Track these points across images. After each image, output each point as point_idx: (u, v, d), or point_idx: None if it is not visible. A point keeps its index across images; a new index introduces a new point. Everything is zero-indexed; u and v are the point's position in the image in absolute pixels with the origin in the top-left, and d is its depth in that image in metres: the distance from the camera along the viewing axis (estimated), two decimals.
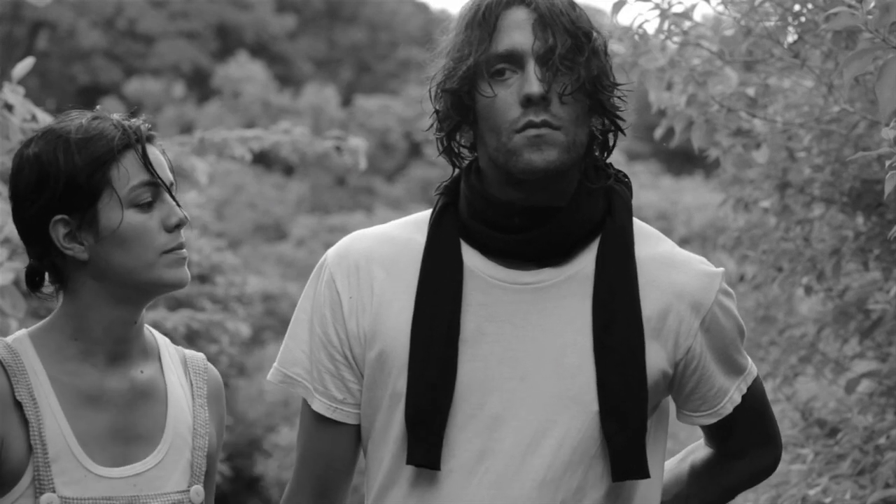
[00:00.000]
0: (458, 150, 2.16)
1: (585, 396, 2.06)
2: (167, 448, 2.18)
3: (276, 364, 2.19)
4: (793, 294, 4.78)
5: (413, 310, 2.09)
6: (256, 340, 18.81)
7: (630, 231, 2.12)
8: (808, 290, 4.32)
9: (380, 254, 2.14)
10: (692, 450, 2.34)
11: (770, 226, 4.46)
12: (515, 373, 2.07)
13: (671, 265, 2.14)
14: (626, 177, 2.17)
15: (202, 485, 2.21)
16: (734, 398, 2.19)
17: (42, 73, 34.56)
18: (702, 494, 2.29)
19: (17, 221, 2.15)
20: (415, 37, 41.47)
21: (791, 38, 3.67)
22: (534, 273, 2.10)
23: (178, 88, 38.97)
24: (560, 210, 2.08)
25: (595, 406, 2.06)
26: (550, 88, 2.04)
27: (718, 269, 2.16)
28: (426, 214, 2.18)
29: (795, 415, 4.41)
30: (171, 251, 2.15)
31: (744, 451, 2.27)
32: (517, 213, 2.08)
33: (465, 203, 2.12)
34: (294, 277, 23.61)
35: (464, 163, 2.17)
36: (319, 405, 2.15)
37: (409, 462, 2.07)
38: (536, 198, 2.08)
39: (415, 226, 2.17)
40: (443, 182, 2.19)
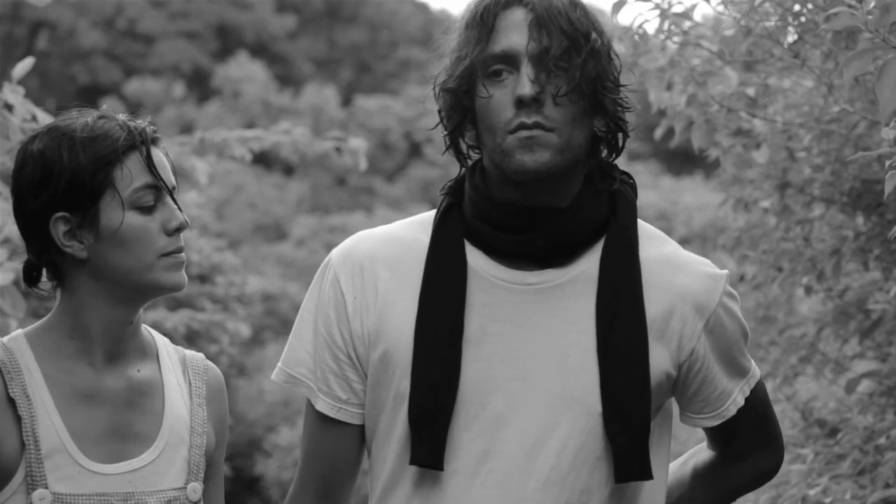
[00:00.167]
0: (466, 150, 2.16)
1: (589, 397, 2.06)
2: (163, 445, 2.18)
3: (281, 364, 2.18)
4: (793, 294, 4.78)
5: (417, 310, 2.09)
6: (256, 340, 18.81)
7: (634, 232, 2.11)
8: (808, 290, 4.32)
9: (384, 254, 2.14)
10: (695, 452, 2.33)
11: (770, 226, 4.45)
12: (519, 373, 2.07)
13: (675, 267, 2.13)
14: (631, 178, 2.17)
15: (200, 482, 2.21)
16: (737, 400, 2.18)
17: (42, 73, 34.56)
18: (704, 497, 2.28)
19: (18, 217, 2.15)
20: (415, 37, 41.47)
21: (791, 38, 3.67)
22: (537, 273, 2.09)
23: (178, 88, 38.96)
24: (563, 211, 2.08)
25: (598, 407, 2.05)
26: (544, 90, 2.03)
27: (722, 272, 2.15)
28: (431, 215, 2.17)
29: (795, 415, 4.41)
30: (170, 254, 2.15)
31: (746, 454, 2.26)
32: (519, 214, 2.08)
33: (469, 203, 2.12)
34: (294, 277, 23.61)
35: (470, 162, 2.16)
36: (323, 405, 2.15)
37: (413, 462, 2.06)
38: (536, 198, 2.08)
39: (419, 226, 2.17)
40: (447, 182, 2.19)
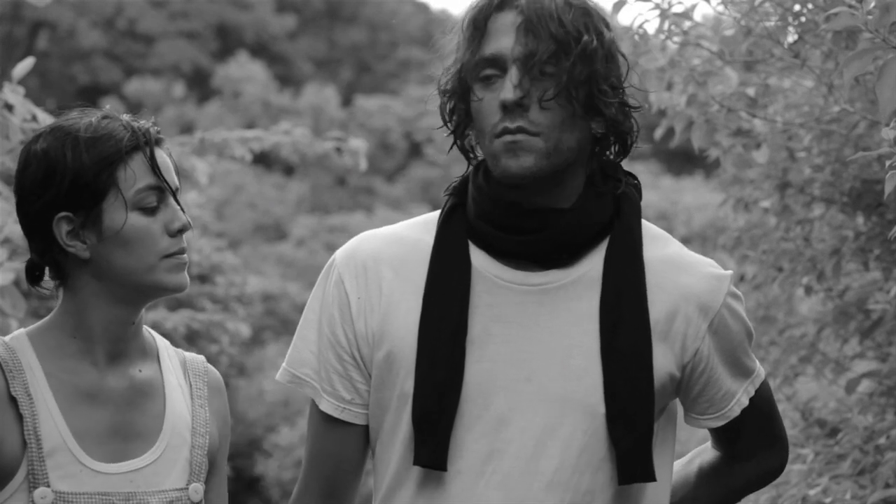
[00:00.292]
0: (471, 149, 2.16)
1: (592, 398, 2.05)
2: (165, 445, 2.18)
3: (285, 364, 2.18)
4: (793, 294, 4.78)
5: (420, 310, 2.09)
6: (256, 340, 18.80)
7: (638, 234, 2.11)
8: (809, 290, 4.32)
9: (388, 254, 2.14)
10: (699, 452, 2.33)
11: (770, 226, 4.46)
12: (522, 374, 2.06)
13: (679, 267, 2.12)
14: (636, 178, 2.16)
15: (202, 483, 2.21)
16: (742, 401, 2.18)
17: (42, 73, 34.57)
18: (708, 497, 2.28)
19: (21, 216, 2.16)
20: (415, 37, 41.48)
21: (791, 38, 3.67)
22: (541, 274, 2.09)
23: (179, 88, 38.98)
24: (565, 212, 2.07)
25: (602, 408, 2.05)
26: (529, 94, 2.03)
27: (727, 272, 2.14)
28: (435, 215, 2.17)
29: (795, 415, 4.41)
30: (173, 255, 2.15)
31: (751, 454, 2.25)
32: (520, 214, 2.08)
33: (473, 203, 2.12)
34: (294, 277, 23.61)
35: (476, 160, 2.16)
36: (327, 405, 2.15)
37: (416, 463, 2.06)
38: (534, 200, 2.07)
39: (424, 226, 2.17)
40: (452, 182, 2.18)
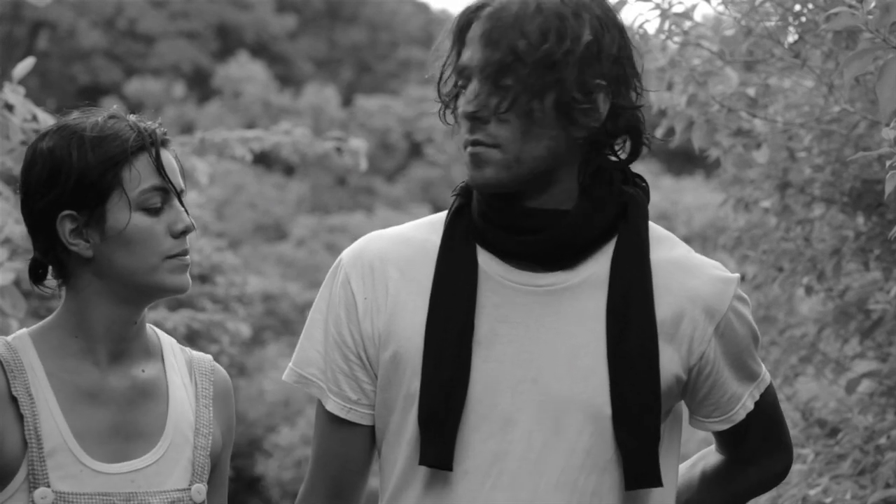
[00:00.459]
0: None
1: (598, 399, 2.05)
2: (167, 445, 2.18)
3: (292, 364, 2.18)
4: (793, 294, 4.78)
5: (427, 311, 2.08)
6: (257, 340, 18.81)
7: (645, 237, 2.10)
8: (809, 290, 4.32)
9: (395, 255, 2.13)
10: (703, 455, 2.32)
11: (770, 226, 4.46)
12: (528, 374, 2.06)
13: (686, 270, 2.11)
14: (644, 181, 2.15)
15: (205, 484, 2.20)
16: (747, 405, 2.17)
17: (42, 73, 34.58)
18: (712, 500, 2.27)
19: (26, 214, 2.16)
20: (415, 37, 41.50)
21: (791, 38, 3.67)
22: (547, 276, 2.08)
23: (179, 88, 39.00)
24: (566, 213, 2.07)
25: (608, 409, 2.04)
26: (487, 106, 2.03)
27: (734, 275, 2.13)
28: (442, 216, 2.17)
29: (796, 415, 4.41)
30: (175, 257, 2.15)
31: (755, 458, 2.25)
32: (520, 215, 2.07)
33: (476, 203, 2.12)
34: (294, 277, 23.59)
35: None
36: (333, 405, 2.14)
37: (422, 462, 2.05)
38: (528, 202, 2.07)
39: (430, 227, 2.16)
40: (459, 183, 2.18)
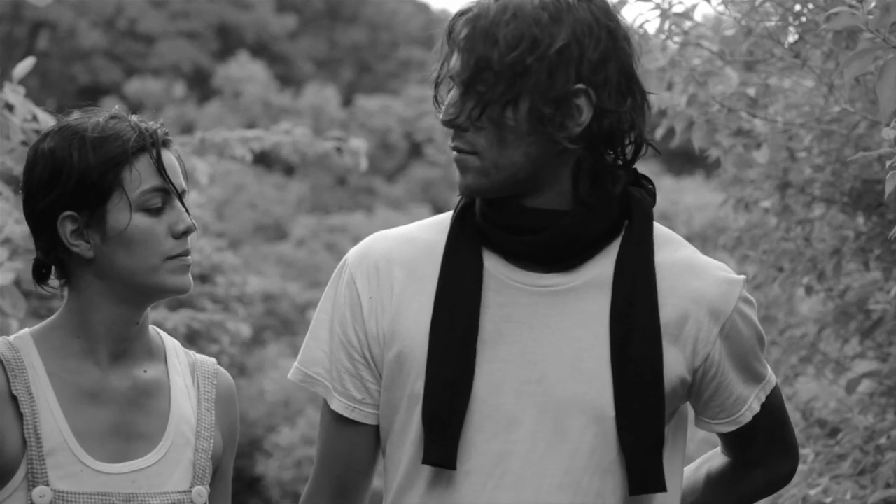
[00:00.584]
0: None
1: (601, 401, 2.05)
2: (168, 446, 2.18)
3: (297, 363, 2.18)
4: (793, 294, 4.78)
5: (432, 310, 2.08)
6: (257, 340, 18.82)
7: (649, 239, 2.09)
8: (809, 291, 4.32)
9: (400, 255, 2.13)
10: (708, 458, 2.31)
11: (771, 226, 4.46)
12: (533, 375, 2.06)
13: (691, 271, 2.11)
14: (651, 182, 2.14)
15: (206, 487, 2.20)
16: (753, 407, 2.16)
17: (42, 73, 34.60)
18: (717, 503, 2.26)
19: (27, 214, 2.16)
20: (415, 37, 41.50)
21: (792, 38, 3.67)
22: (551, 276, 2.08)
23: (179, 88, 39.02)
24: (565, 213, 2.06)
25: (611, 411, 2.04)
26: (461, 113, 2.03)
27: (739, 277, 2.12)
28: (448, 216, 2.17)
29: (796, 415, 4.41)
30: (176, 257, 2.15)
31: (761, 460, 2.24)
32: (519, 214, 2.07)
33: (478, 204, 2.12)
34: (294, 277, 23.60)
35: None
36: (338, 405, 2.14)
37: (425, 461, 2.05)
38: (524, 202, 2.07)
39: (436, 227, 2.16)
40: None
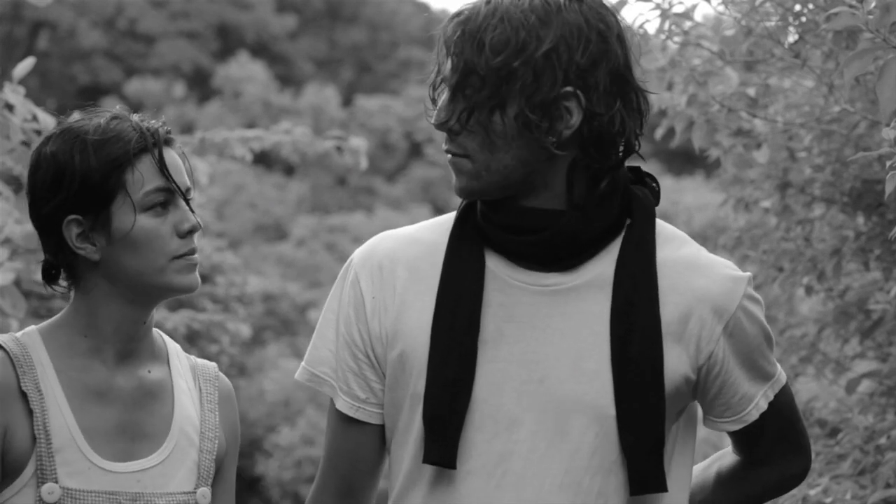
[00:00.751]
0: None
1: (603, 400, 2.05)
2: (172, 447, 2.18)
3: (304, 363, 2.18)
4: (793, 294, 4.78)
5: (433, 310, 2.08)
6: (257, 340, 18.83)
7: (650, 238, 2.09)
8: (809, 291, 4.32)
9: (404, 255, 2.13)
10: (719, 456, 2.30)
11: (771, 226, 4.46)
12: (534, 375, 2.06)
13: (694, 269, 2.10)
14: (655, 181, 2.14)
15: (209, 488, 2.20)
16: (760, 405, 2.15)
17: (42, 73, 34.60)
18: (726, 501, 2.25)
19: (33, 219, 2.17)
20: (415, 37, 41.49)
21: (792, 38, 3.67)
22: (552, 276, 2.08)
23: (179, 88, 39.02)
24: (564, 213, 2.06)
25: (612, 410, 2.04)
26: (451, 117, 2.04)
27: (744, 274, 2.11)
28: (453, 216, 2.17)
29: None
30: (182, 256, 2.15)
31: (771, 459, 2.22)
32: (517, 214, 2.07)
33: (479, 204, 2.12)
34: (294, 277, 23.60)
35: None
36: (343, 404, 2.14)
37: (426, 461, 2.05)
38: (520, 202, 2.07)
39: (440, 227, 2.16)
40: None
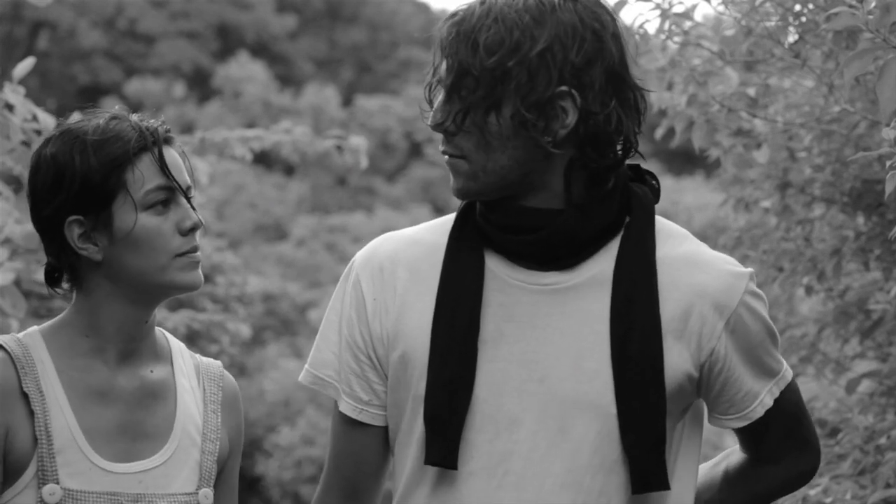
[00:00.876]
0: None
1: (603, 399, 2.04)
2: (174, 447, 2.18)
3: (307, 366, 2.18)
4: (793, 294, 4.78)
5: (433, 310, 2.08)
6: (257, 341, 18.83)
7: (649, 236, 2.08)
8: (809, 290, 4.32)
9: (405, 256, 2.13)
10: (727, 454, 2.29)
11: (771, 226, 4.45)
12: (535, 375, 2.06)
13: (694, 265, 2.09)
14: (655, 178, 2.13)
15: (212, 489, 2.20)
16: (765, 402, 2.14)
17: (42, 73, 34.59)
18: (733, 500, 2.24)
19: (35, 220, 2.17)
20: (415, 37, 41.45)
21: (792, 38, 3.67)
22: (551, 275, 2.08)
23: (179, 88, 39.00)
24: (562, 212, 2.06)
25: (613, 409, 2.04)
26: (447, 118, 2.04)
27: (746, 270, 2.10)
28: (454, 217, 2.17)
29: None
30: (185, 254, 2.15)
31: (778, 457, 2.21)
32: (516, 213, 2.07)
33: (478, 204, 2.12)
34: (294, 277, 23.60)
35: None
36: (346, 406, 2.14)
37: (427, 461, 2.05)
38: (519, 202, 2.07)
39: (442, 228, 2.16)
40: None
